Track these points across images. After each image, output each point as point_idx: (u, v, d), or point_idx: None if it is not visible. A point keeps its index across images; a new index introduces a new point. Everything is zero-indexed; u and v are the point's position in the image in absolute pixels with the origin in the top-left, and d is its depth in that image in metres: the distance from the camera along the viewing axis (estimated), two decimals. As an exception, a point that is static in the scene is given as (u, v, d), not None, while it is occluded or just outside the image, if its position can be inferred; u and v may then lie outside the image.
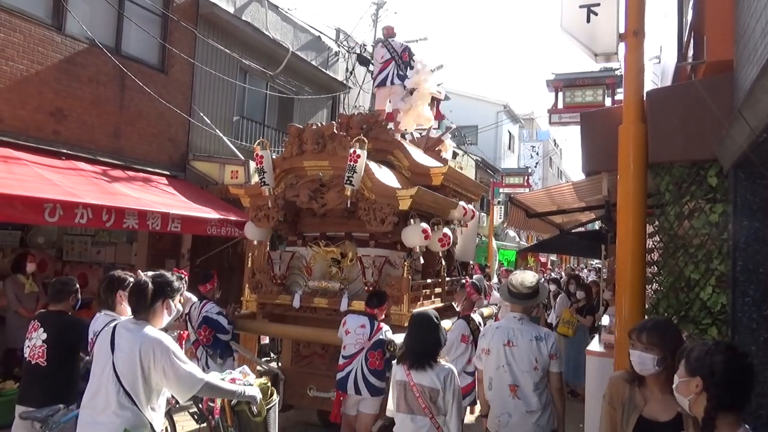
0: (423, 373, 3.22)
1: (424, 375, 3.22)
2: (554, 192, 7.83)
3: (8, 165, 6.13)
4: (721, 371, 1.83)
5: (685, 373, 1.92)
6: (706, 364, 1.86)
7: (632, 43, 3.88)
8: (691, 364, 1.90)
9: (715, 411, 1.81)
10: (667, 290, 3.92)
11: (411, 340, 3.39)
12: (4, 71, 6.86)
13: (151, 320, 2.87)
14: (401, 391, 3.29)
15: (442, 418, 3.21)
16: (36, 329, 3.87)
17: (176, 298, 3.03)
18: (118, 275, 3.70)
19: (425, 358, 3.25)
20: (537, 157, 32.52)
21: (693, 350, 1.94)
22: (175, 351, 2.77)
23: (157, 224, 6.52)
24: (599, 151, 4.41)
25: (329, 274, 5.96)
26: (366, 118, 6.60)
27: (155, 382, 2.76)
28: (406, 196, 5.38)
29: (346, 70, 14.09)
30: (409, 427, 3.24)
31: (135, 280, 3.06)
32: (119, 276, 3.68)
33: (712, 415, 1.81)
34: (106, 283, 3.66)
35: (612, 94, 12.01)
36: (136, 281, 3.00)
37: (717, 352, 1.87)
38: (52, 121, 7.44)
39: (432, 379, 3.20)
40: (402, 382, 3.29)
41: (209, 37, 9.79)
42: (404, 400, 3.27)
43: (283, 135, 11.49)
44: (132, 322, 2.86)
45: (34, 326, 3.90)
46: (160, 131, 9.05)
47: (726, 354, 1.86)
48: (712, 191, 3.80)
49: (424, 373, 3.22)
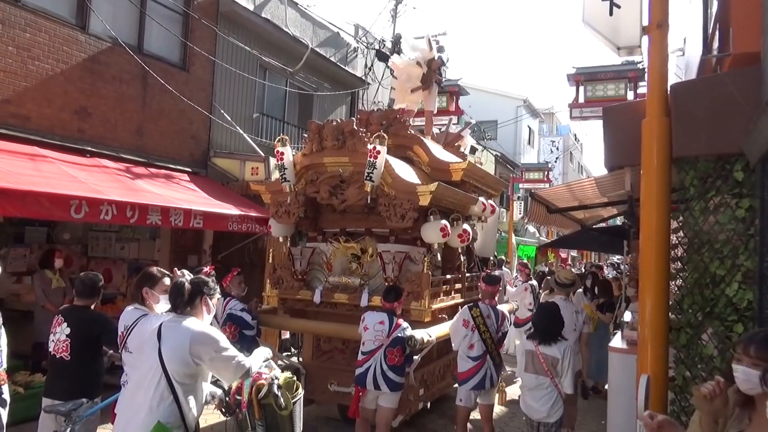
0: (548, 346, 4.30)
1: (548, 348, 4.30)
2: (575, 187, 7.76)
3: (35, 163, 6.25)
4: None
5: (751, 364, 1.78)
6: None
7: (656, 36, 3.82)
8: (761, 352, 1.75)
9: None
10: (692, 286, 3.86)
11: (539, 323, 4.47)
12: (31, 71, 7.00)
13: (194, 315, 3.02)
14: (529, 357, 4.38)
15: (558, 378, 4.24)
16: (60, 324, 3.95)
17: (215, 298, 3.17)
18: (150, 272, 3.73)
19: (550, 336, 4.35)
20: (557, 152, 32.20)
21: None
22: (222, 340, 2.96)
23: (179, 220, 6.60)
24: (622, 145, 4.35)
25: (349, 269, 5.98)
26: (385, 115, 6.61)
27: (202, 373, 2.94)
28: (426, 191, 5.37)
29: (365, 66, 14.09)
30: (533, 383, 4.33)
31: (174, 280, 3.23)
32: (148, 272, 3.72)
33: None
34: (138, 278, 3.71)
35: (634, 88, 11.83)
36: (174, 281, 3.18)
37: None
38: (76, 119, 7.56)
39: (554, 351, 4.29)
40: (531, 352, 4.37)
41: (230, 35, 9.86)
42: (531, 364, 4.36)
43: (302, 131, 11.54)
44: (177, 317, 3.00)
45: (58, 321, 3.98)
46: (181, 128, 9.16)
47: None
48: (738, 186, 3.73)
49: (549, 347, 4.30)
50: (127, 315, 3.51)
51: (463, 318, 5.11)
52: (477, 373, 5.04)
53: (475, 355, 5.06)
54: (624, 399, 4.82)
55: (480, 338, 5.05)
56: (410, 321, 5.19)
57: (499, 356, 5.23)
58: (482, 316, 5.09)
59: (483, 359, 5.05)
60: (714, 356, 3.69)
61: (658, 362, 3.64)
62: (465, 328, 5.07)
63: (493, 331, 5.11)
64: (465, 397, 5.10)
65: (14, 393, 4.83)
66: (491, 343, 5.09)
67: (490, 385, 5.11)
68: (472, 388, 5.06)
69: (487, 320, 5.11)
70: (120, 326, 3.49)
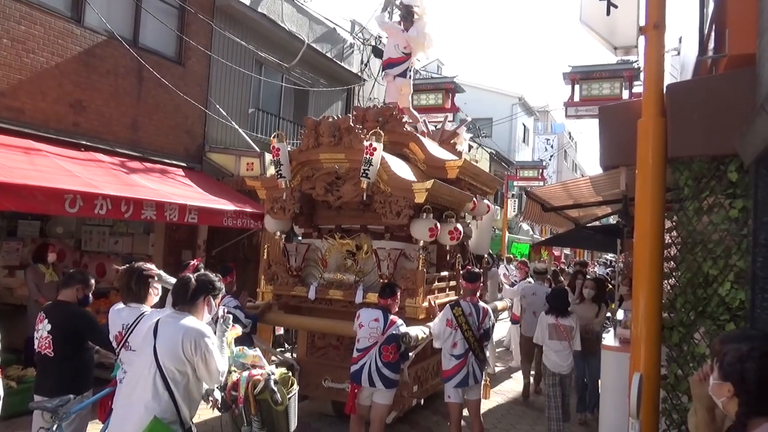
0: (565, 318, 5.76)
1: (565, 319, 5.76)
2: (571, 186, 7.78)
3: (29, 156, 6.22)
4: (753, 379, 1.77)
5: (719, 377, 1.86)
6: (738, 371, 1.80)
7: (653, 36, 3.83)
8: (724, 369, 1.84)
9: (746, 417, 1.78)
10: (685, 286, 3.89)
11: (555, 302, 5.91)
12: (25, 63, 6.96)
13: (193, 313, 3.04)
14: (552, 329, 5.74)
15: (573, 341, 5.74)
16: (42, 320, 3.93)
17: (218, 298, 3.19)
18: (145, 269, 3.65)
19: (565, 310, 5.82)
20: (552, 150, 32.30)
21: (726, 354, 1.86)
22: (213, 342, 2.96)
23: (174, 215, 6.59)
24: (617, 145, 4.37)
25: (344, 266, 5.99)
26: (381, 111, 6.61)
27: (194, 369, 2.94)
28: (422, 189, 5.38)
29: (360, 62, 14.07)
30: (559, 347, 5.71)
31: (179, 277, 3.26)
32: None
33: (743, 420, 1.78)
34: (137, 275, 3.59)
35: (630, 87, 11.86)
36: (180, 278, 3.21)
37: (749, 358, 1.80)
38: (71, 112, 7.53)
39: (570, 321, 5.78)
40: (552, 324, 5.75)
41: (226, 30, 9.82)
42: (555, 333, 5.72)
43: (298, 127, 11.52)
44: (175, 313, 3.02)
45: (40, 318, 3.95)
46: (177, 123, 9.12)
47: (760, 362, 1.78)
48: (732, 186, 3.75)
49: (565, 318, 5.76)
50: (123, 313, 3.45)
51: (447, 318, 5.12)
52: (461, 371, 5.07)
53: (458, 353, 5.09)
54: (616, 397, 4.86)
55: (463, 336, 5.08)
56: (405, 318, 5.21)
57: (482, 353, 5.25)
58: (464, 314, 5.10)
59: (465, 357, 5.08)
60: (706, 355, 3.72)
61: (651, 360, 3.67)
62: (449, 327, 5.09)
63: (474, 329, 5.13)
64: (452, 394, 5.14)
65: (7, 387, 4.81)
66: (474, 341, 5.11)
67: (473, 381, 5.13)
68: (456, 386, 5.09)
69: (469, 318, 5.12)
70: (115, 325, 3.44)
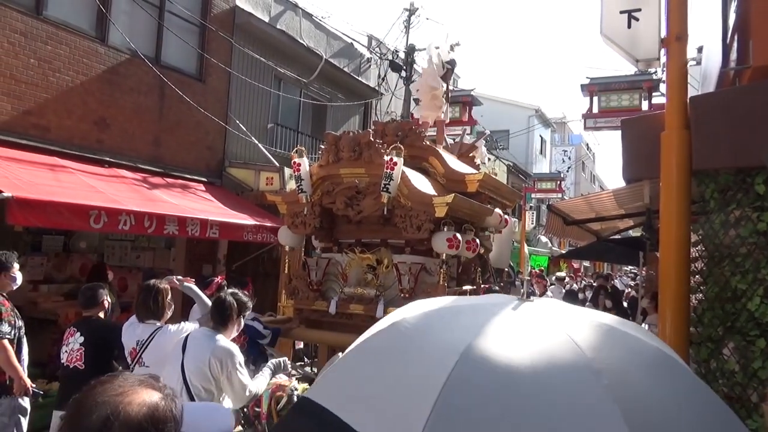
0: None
1: None
2: (593, 199, 7.73)
3: (55, 173, 6.34)
4: None
5: None
6: None
7: (675, 49, 3.81)
8: None
9: None
10: (713, 300, 3.82)
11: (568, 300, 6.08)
12: (51, 83, 7.11)
13: (223, 332, 3.14)
14: None
15: None
16: (72, 334, 3.94)
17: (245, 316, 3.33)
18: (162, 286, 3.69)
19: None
20: (569, 161, 32.05)
21: None
22: (240, 363, 3.04)
23: (196, 230, 6.65)
24: (640, 158, 4.33)
25: (365, 280, 5.97)
26: (401, 126, 6.62)
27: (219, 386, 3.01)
28: (443, 203, 5.37)
29: (378, 77, 14.16)
30: None
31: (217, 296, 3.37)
32: (161, 286, 3.69)
33: None
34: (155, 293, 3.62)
35: (649, 98, 11.76)
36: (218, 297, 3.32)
37: None
38: (95, 130, 7.67)
39: None
40: None
41: (245, 46, 9.96)
42: None
43: (316, 141, 11.61)
44: (207, 330, 3.13)
45: (70, 332, 3.97)
46: (197, 139, 9.24)
47: None
48: (759, 199, 3.70)
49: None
50: (138, 330, 3.48)
51: None
52: None
53: None
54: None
55: None
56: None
57: None
58: None
59: None
60: (735, 371, 3.65)
61: (679, 377, 3.60)
62: None
63: None
64: None
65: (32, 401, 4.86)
66: None
67: None
68: None
69: None
70: (130, 341, 3.46)
